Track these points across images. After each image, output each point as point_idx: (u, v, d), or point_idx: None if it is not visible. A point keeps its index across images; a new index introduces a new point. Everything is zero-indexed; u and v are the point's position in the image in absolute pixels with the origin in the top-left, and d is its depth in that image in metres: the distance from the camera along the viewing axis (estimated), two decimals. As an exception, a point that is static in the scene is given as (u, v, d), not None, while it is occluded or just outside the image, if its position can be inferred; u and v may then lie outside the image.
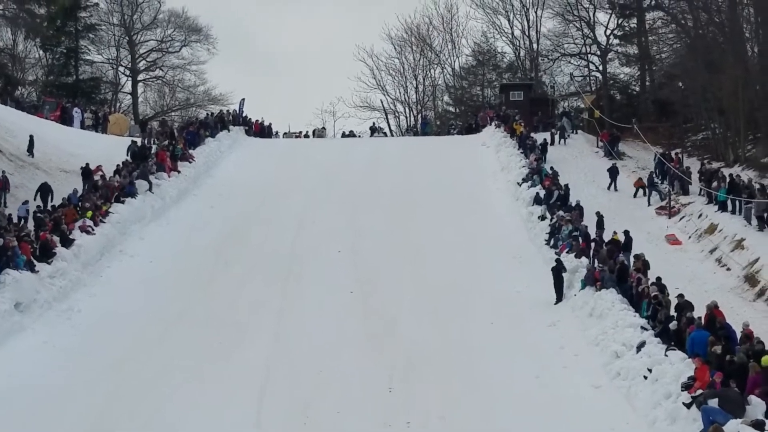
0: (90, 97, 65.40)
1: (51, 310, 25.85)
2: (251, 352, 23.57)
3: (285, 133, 57.38)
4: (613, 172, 42.26)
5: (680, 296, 23.84)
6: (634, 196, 40.92)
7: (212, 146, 47.06)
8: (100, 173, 37.79)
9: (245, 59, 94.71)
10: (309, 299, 27.90)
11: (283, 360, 23.12)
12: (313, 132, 60.14)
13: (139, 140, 45.82)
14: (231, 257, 32.07)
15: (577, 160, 47.28)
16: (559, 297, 27.55)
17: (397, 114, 71.94)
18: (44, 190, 35.72)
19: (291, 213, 37.22)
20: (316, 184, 41.66)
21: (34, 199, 34.98)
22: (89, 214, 32.08)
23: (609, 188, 41.87)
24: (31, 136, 40.44)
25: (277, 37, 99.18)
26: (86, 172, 38.09)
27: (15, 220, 30.86)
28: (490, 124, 52.34)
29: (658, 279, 25.25)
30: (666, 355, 20.81)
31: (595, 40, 64.36)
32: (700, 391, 18.22)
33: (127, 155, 41.03)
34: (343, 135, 59.43)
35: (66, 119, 50.92)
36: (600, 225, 32.74)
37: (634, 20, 63.40)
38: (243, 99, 56.00)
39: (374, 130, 60.76)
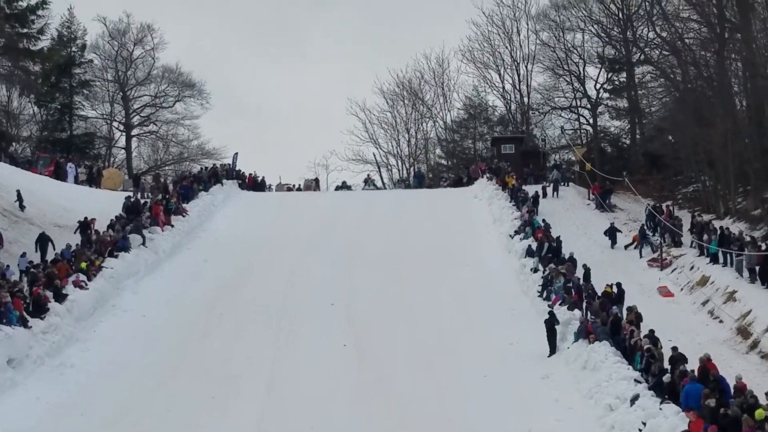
0: (84, 152, 65.57)
1: (44, 366, 25.75)
2: (245, 405, 23.51)
3: (277, 185, 57.41)
4: (612, 232, 42.10)
5: (674, 349, 23.89)
6: (626, 248, 41.00)
7: (206, 200, 47.20)
8: (92, 227, 37.88)
9: (238, 114, 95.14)
10: (302, 352, 27.86)
11: (277, 413, 23.05)
12: (304, 183, 59.98)
13: (132, 194, 45.87)
14: (224, 311, 32.06)
15: (568, 212, 47.49)
16: (553, 349, 27.56)
17: (389, 167, 72.35)
18: (43, 241, 35.97)
19: (284, 266, 37.28)
20: (308, 237, 41.75)
21: (36, 251, 35.18)
22: (84, 264, 32.11)
23: (613, 247, 41.45)
24: (18, 191, 40.52)
25: (269, 91, 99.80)
26: (84, 226, 38.28)
27: (18, 273, 31.18)
28: (482, 177, 52.63)
29: (651, 331, 25.31)
30: (660, 409, 20.80)
31: (585, 93, 64.97)
32: (694, 445, 18.22)
33: (123, 210, 41.09)
34: (337, 188, 59.41)
35: (60, 174, 51.03)
36: (587, 277, 32.80)
37: (624, 74, 64.04)
38: (236, 153, 56.32)
39: (367, 182, 60.78)
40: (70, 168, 51.97)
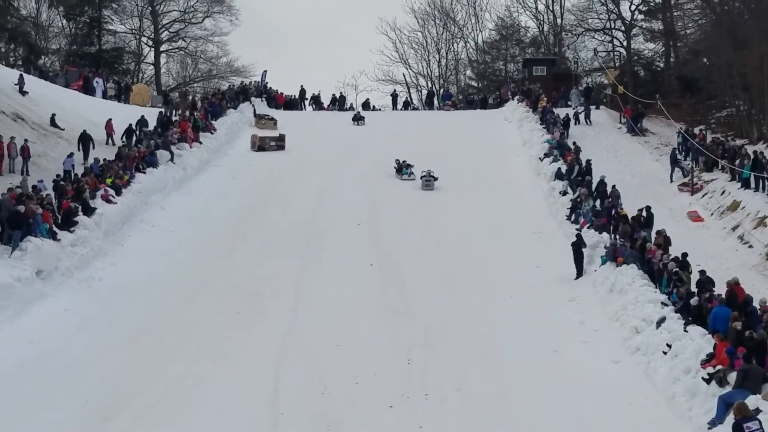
0: (113, 67, 65.46)
1: (72, 278, 25.95)
2: (269, 323, 23.58)
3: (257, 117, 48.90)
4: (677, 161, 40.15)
5: (702, 272, 23.69)
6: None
7: (234, 117, 47.05)
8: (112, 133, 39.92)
9: (267, 33, 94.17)
10: (328, 271, 27.90)
11: (301, 331, 23.12)
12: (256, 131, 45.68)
13: (163, 111, 45.49)
14: (251, 228, 32.14)
15: (599, 135, 46.97)
16: (579, 272, 27.45)
17: (419, 88, 71.76)
18: (85, 140, 37.00)
19: (312, 185, 37.26)
20: (338, 157, 41.65)
21: (78, 150, 36.47)
22: (109, 181, 32.21)
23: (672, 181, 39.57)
24: (53, 116, 40.74)
25: (298, 10, 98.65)
26: (129, 131, 39.57)
27: (61, 173, 32.79)
28: (513, 99, 52.06)
29: (684, 255, 25.00)
30: (686, 331, 20.69)
31: (620, 15, 63.87)
32: (719, 367, 18.12)
33: (135, 127, 40.90)
34: (354, 118, 55.69)
35: (88, 89, 50.98)
36: (615, 202, 32.36)
37: (660, -5, 62.83)
38: (265, 71, 56.14)
39: (356, 118, 50.67)
40: (98, 83, 51.86)
